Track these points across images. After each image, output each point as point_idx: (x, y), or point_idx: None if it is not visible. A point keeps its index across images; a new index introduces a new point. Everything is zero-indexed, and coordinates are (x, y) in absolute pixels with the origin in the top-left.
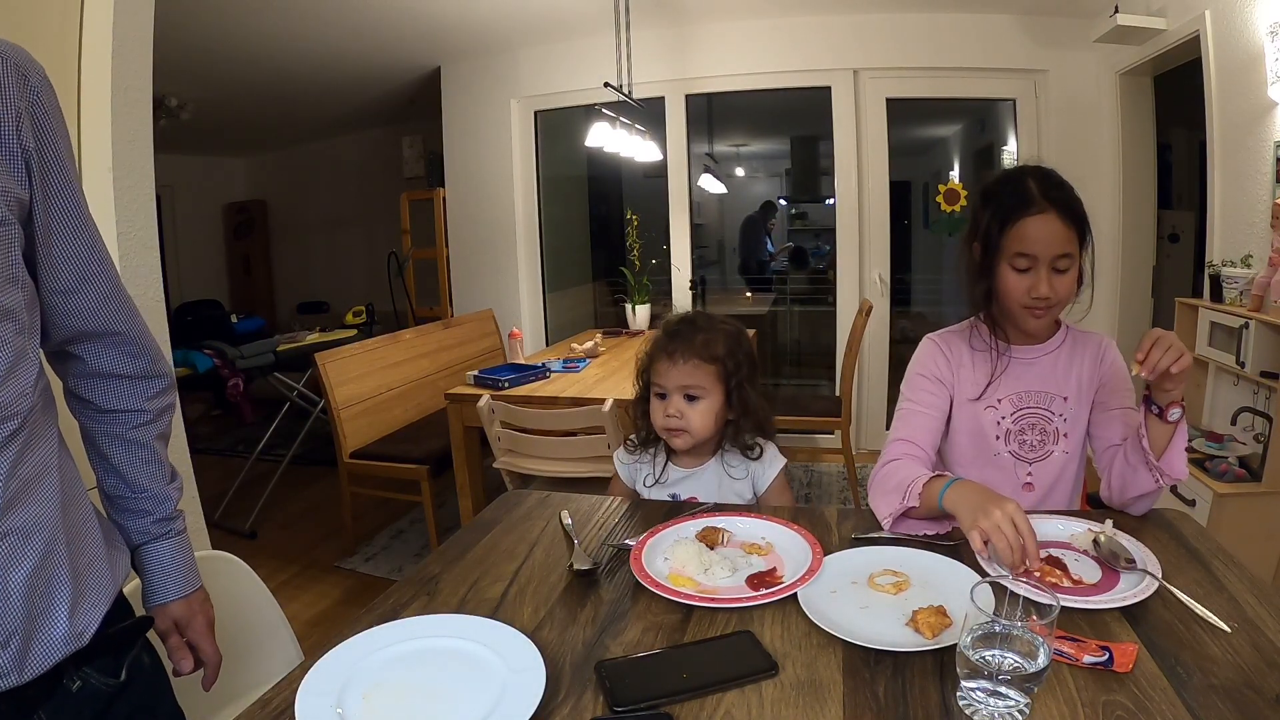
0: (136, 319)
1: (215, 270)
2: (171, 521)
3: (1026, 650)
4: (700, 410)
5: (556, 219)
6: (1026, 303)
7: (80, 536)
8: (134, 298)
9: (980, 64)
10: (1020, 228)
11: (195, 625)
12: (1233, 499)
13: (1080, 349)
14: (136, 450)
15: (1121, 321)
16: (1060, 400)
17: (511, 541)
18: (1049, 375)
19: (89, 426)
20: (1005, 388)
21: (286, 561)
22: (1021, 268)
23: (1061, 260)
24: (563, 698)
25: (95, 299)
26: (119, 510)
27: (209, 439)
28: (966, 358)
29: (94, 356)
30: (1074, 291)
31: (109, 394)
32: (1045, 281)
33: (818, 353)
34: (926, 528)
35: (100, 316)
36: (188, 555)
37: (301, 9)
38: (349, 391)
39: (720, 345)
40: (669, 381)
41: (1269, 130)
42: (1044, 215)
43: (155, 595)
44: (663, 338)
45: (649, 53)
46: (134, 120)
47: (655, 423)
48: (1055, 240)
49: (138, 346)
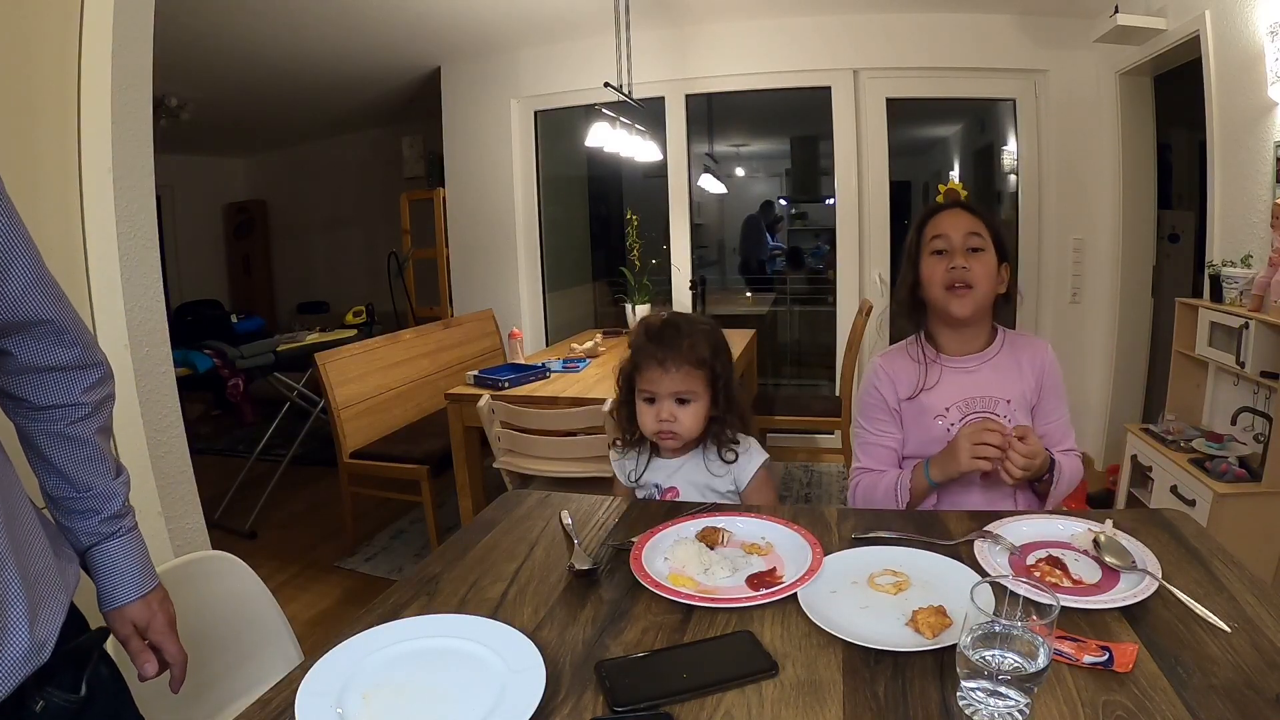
0: (65, 305)
1: (215, 270)
2: (121, 519)
3: (1026, 650)
4: (691, 412)
5: (556, 219)
6: (947, 280)
7: (27, 546)
8: (134, 298)
9: (980, 64)
10: (933, 222)
11: (156, 625)
12: (1233, 499)
13: (1020, 354)
14: (77, 447)
15: (1121, 321)
16: (1004, 403)
17: (511, 541)
18: (990, 381)
19: (25, 426)
20: (950, 396)
21: (286, 561)
22: (938, 249)
23: (972, 238)
24: (563, 698)
25: (19, 285)
26: (64, 512)
27: (209, 439)
28: (904, 369)
29: (23, 350)
30: (992, 277)
31: (43, 389)
32: (960, 255)
33: (818, 353)
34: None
35: (26, 303)
36: (141, 553)
37: (302, 9)
38: (349, 391)
39: (705, 348)
40: (660, 388)
41: (1269, 130)
42: (952, 210)
43: (111, 599)
44: (648, 344)
45: (649, 53)
46: (134, 120)
47: (645, 427)
48: (963, 223)
49: (69, 335)
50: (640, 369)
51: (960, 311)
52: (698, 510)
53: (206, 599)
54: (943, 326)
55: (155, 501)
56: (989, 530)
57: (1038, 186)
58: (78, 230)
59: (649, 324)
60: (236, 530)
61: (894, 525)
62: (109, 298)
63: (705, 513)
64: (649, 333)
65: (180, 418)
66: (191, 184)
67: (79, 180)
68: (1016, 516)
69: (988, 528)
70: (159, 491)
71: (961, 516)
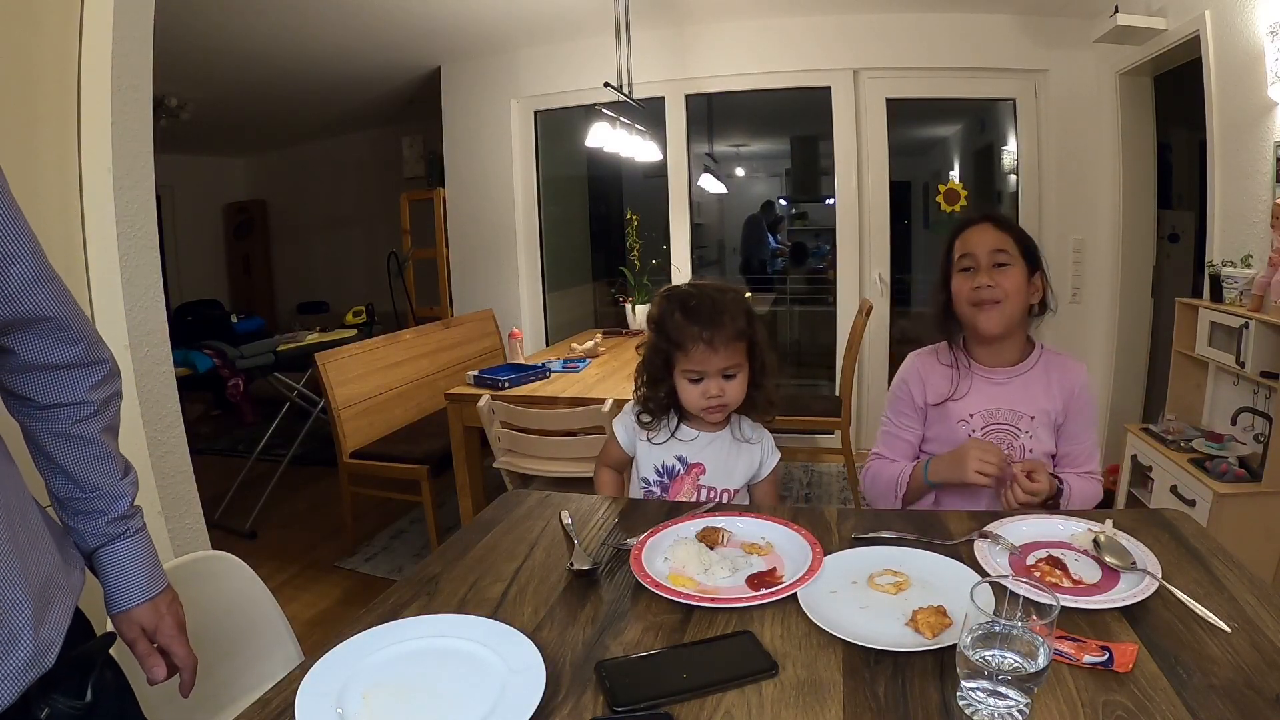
0: (69, 302)
1: (215, 270)
2: (128, 520)
3: (1026, 650)
4: (737, 384)
5: (556, 219)
6: (973, 299)
7: (33, 548)
8: (134, 298)
9: (980, 64)
10: (961, 239)
11: (165, 628)
12: (1233, 499)
13: (1052, 373)
14: (84, 446)
15: (1121, 321)
16: (1027, 419)
17: (511, 541)
18: (1019, 395)
19: (31, 426)
20: (975, 404)
21: (286, 561)
22: (965, 266)
23: (998, 254)
24: (563, 698)
25: (23, 279)
26: (70, 513)
27: (209, 439)
28: (936, 373)
29: (26, 348)
30: (1021, 291)
31: (48, 387)
32: (985, 274)
33: (818, 353)
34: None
35: (30, 299)
36: (149, 554)
37: (301, 9)
38: (349, 391)
39: (743, 318)
40: (710, 367)
41: (1269, 130)
42: (980, 225)
43: (118, 601)
44: (690, 324)
45: (649, 53)
46: (134, 120)
47: (690, 404)
48: (989, 240)
49: (73, 332)
50: (684, 349)
51: (988, 327)
52: (698, 510)
53: (206, 599)
54: (976, 340)
55: (155, 501)
56: (989, 530)
57: (1038, 186)
58: (78, 230)
59: (683, 300)
60: (236, 530)
61: (894, 525)
62: (109, 298)
63: (705, 513)
64: (686, 310)
65: (180, 418)
66: (191, 184)
67: (79, 180)
68: (1016, 516)
69: (988, 528)
70: (159, 491)
71: (961, 516)
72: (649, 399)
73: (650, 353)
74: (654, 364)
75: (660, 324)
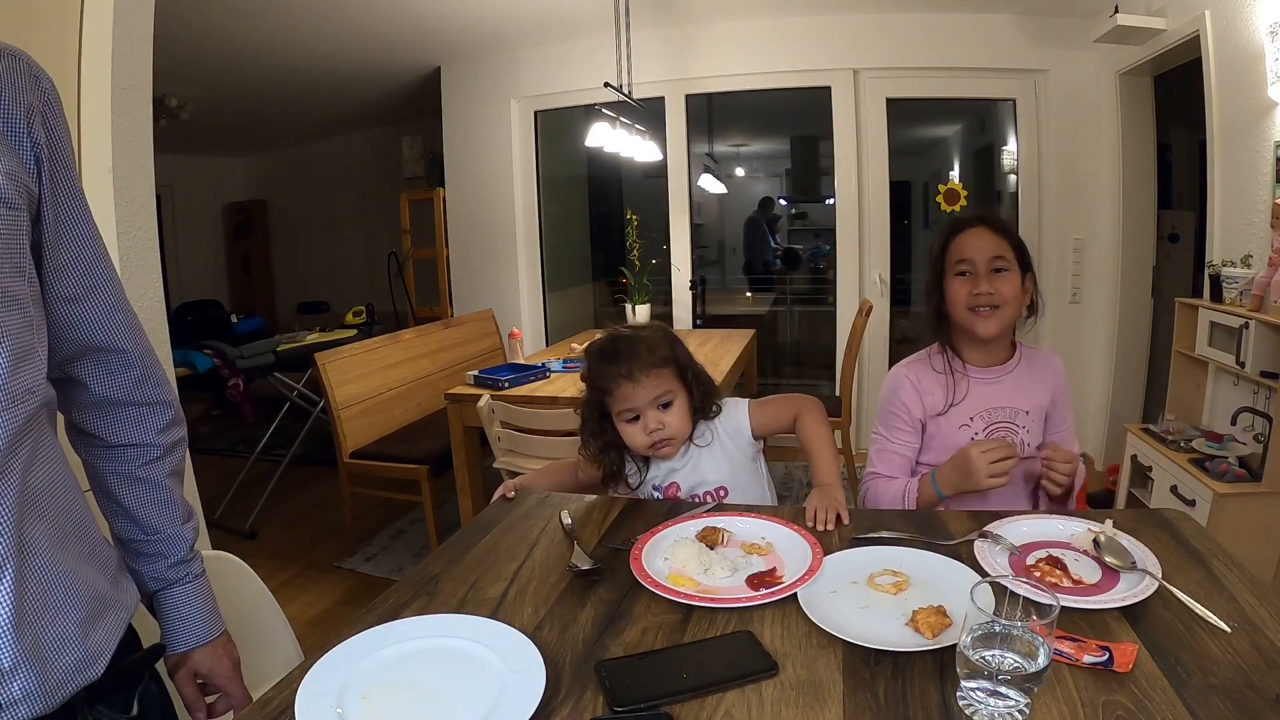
0: (141, 338)
1: (215, 270)
2: (188, 564)
3: (1026, 650)
4: (676, 412)
5: (556, 219)
6: (971, 304)
7: (87, 561)
8: (134, 298)
9: (980, 64)
10: (957, 243)
11: (220, 670)
12: (1233, 499)
13: (1035, 367)
14: (149, 490)
15: (1121, 321)
16: (1023, 414)
17: (511, 541)
18: (1012, 392)
19: (97, 465)
20: (974, 406)
21: (286, 561)
22: (961, 271)
23: (996, 261)
24: (563, 698)
25: (101, 309)
26: (131, 555)
27: (209, 439)
28: (932, 383)
29: (97, 380)
30: (1018, 296)
31: (116, 425)
32: (984, 280)
33: (818, 353)
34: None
35: (106, 328)
36: (207, 600)
37: (301, 9)
38: (349, 391)
39: (663, 345)
40: (639, 401)
41: (1269, 130)
42: (976, 229)
43: (174, 644)
44: (608, 366)
45: (649, 53)
46: (134, 120)
47: (636, 444)
48: (987, 246)
49: (143, 369)
50: (610, 392)
51: (986, 332)
52: (698, 510)
53: None
54: (967, 342)
55: None
56: (989, 530)
57: (1038, 186)
58: None
59: (600, 349)
60: (236, 530)
61: (894, 525)
62: None
63: (705, 513)
64: (603, 356)
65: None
66: (191, 184)
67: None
68: (1016, 516)
69: (988, 528)
70: None
71: (961, 516)
72: (598, 455)
73: (585, 409)
74: (591, 418)
75: (588, 378)
